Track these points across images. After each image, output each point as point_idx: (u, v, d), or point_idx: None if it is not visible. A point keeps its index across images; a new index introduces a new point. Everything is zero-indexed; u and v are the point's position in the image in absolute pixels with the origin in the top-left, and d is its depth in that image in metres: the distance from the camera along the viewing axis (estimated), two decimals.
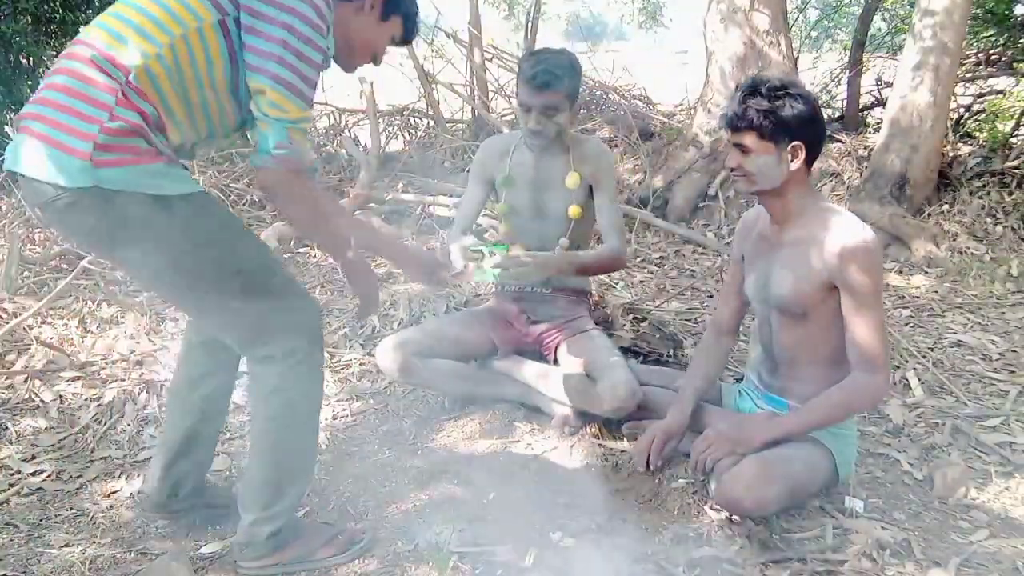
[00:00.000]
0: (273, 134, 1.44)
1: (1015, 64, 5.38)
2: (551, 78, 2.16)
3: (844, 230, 1.75)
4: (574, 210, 2.36)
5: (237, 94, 1.50)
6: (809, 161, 1.81)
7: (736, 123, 1.77)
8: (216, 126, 1.54)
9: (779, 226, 1.89)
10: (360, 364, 2.78)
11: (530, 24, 6.73)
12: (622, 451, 2.18)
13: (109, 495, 2.04)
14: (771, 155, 1.77)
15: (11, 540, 1.83)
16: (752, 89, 1.76)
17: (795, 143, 1.76)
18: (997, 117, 5.03)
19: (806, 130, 1.75)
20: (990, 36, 5.59)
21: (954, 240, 4.03)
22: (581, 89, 2.39)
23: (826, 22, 7.77)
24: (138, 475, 2.10)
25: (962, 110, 5.23)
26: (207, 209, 1.48)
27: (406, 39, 1.73)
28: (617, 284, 3.73)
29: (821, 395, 1.82)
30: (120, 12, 1.43)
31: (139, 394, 2.54)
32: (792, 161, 1.77)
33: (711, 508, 1.91)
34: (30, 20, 5.49)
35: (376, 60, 1.72)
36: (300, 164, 1.47)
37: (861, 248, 1.72)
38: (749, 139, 1.77)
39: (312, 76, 1.45)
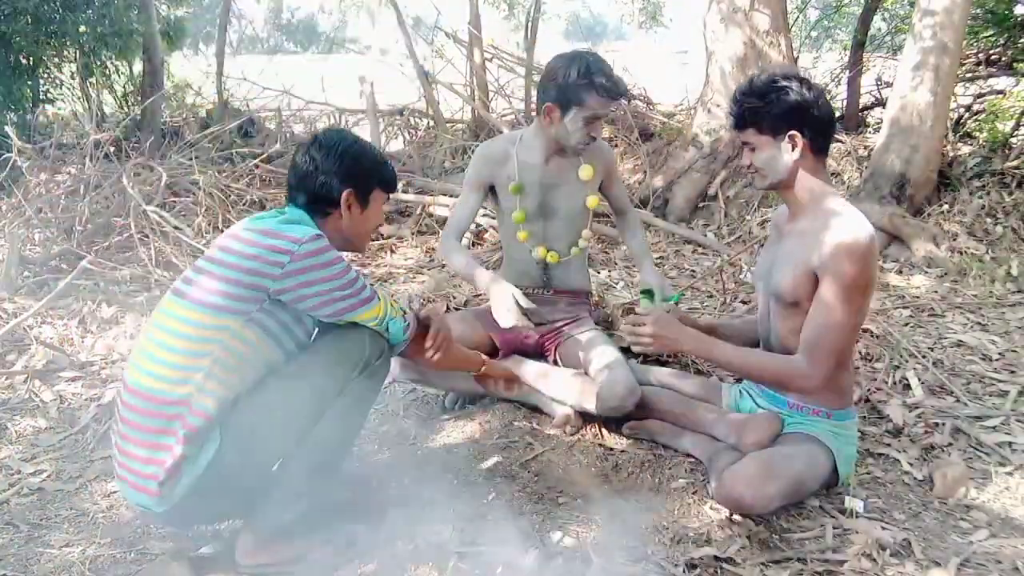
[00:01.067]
0: (394, 329, 1.73)
1: (1015, 64, 5.37)
2: (624, 91, 2.20)
3: (840, 226, 1.76)
4: (593, 201, 2.40)
5: (288, 356, 1.65)
6: (816, 149, 1.83)
7: (737, 122, 1.84)
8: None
9: (791, 219, 1.92)
10: None
11: (530, 24, 6.73)
12: (622, 451, 2.18)
13: (109, 495, 2.04)
14: (773, 148, 1.82)
15: (11, 540, 1.83)
16: (747, 86, 1.82)
17: (791, 132, 1.79)
18: (997, 117, 5.02)
19: (799, 118, 1.79)
20: (990, 36, 5.58)
21: (954, 240, 4.03)
22: None
23: (826, 22, 7.77)
24: None
25: (962, 110, 5.23)
26: (238, 430, 1.57)
27: (390, 193, 1.84)
28: (617, 284, 3.74)
29: (764, 353, 1.89)
30: (153, 354, 1.56)
31: None
32: (793, 151, 1.80)
33: (711, 508, 1.91)
34: (30, 20, 5.49)
35: (376, 230, 1.90)
36: (416, 327, 1.78)
37: (849, 245, 1.73)
38: (751, 135, 1.83)
39: (361, 279, 1.67)
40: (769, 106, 1.78)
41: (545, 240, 2.44)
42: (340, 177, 1.68)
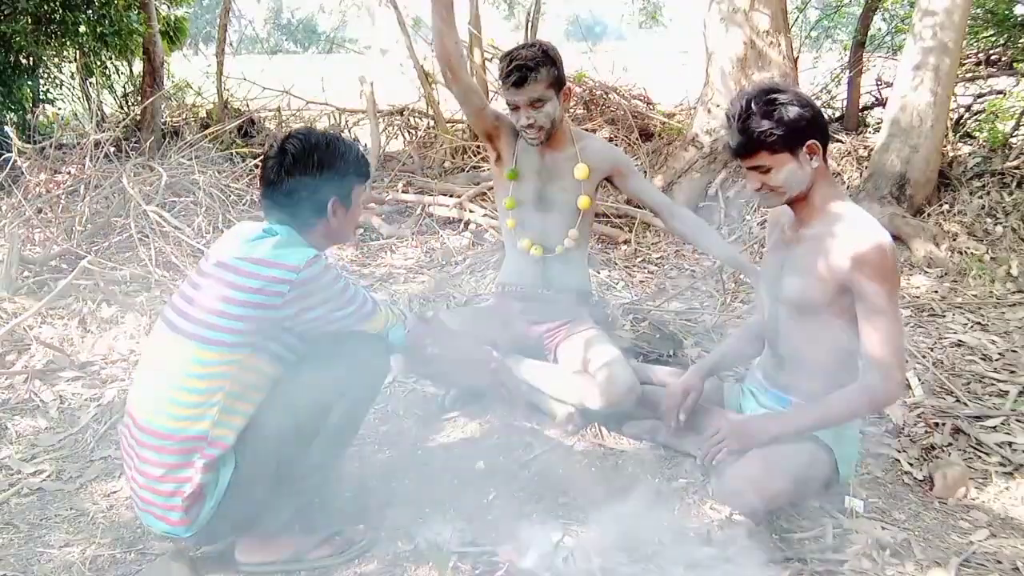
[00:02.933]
0: (395, 336, 1.76)
1: (1015, 64, 5.38)
2: (525, 72, 2.20)
3: (857, 233, 1.73)
4: (584, 201, 2.39)
5: (289, 368, 1.68)
6: (824, 153, 1.81)
7: (744, 149, 1.76)
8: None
9: (800, 224, 1.88)
10: None
11: (530, 24, 6.73)
12: (622, 451, 2.18)
13: (109, 495, 2.04)
14: (792, 163, 1.76)
15: (11, 540, 1.83)
16: (745, 111, 1.74)
17: (810, 142, 1.75)
18: (997, 117, 5.03)
19: (813, 126, 1.75)
20: (990, 36, 5.59)
21: (954, 240, 4.03)
22: (568, 76, 2.40)
23: (826, 22, 7.75)
24: None
25: (962, 110, 5.23)
26: (254, 445, 1.60)
27: (367, 180, 1.82)
28: (617, 284, 3.74)
29: (834, 394, 1.80)
30: (164, 395, 1.57)
31: None
32: (812, 160, 1.77)
33: (711, 508, 1.91)
34: (30, 20, 5.49)
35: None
36: (413, 333, 1.81)
37: (872, 253, 1.70)
38: (764, 158, 1.76)
39: (360, 292, 1.68)
40: (779, 124, 1.71)
41: (533, 232, 2.45)
42: (322, 189, 1.64)
